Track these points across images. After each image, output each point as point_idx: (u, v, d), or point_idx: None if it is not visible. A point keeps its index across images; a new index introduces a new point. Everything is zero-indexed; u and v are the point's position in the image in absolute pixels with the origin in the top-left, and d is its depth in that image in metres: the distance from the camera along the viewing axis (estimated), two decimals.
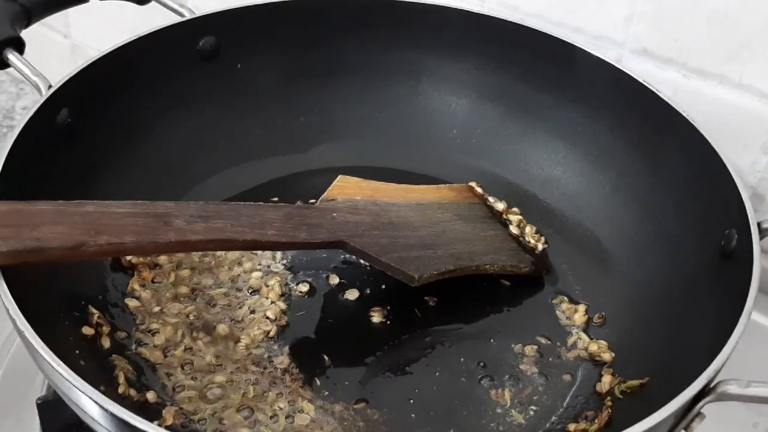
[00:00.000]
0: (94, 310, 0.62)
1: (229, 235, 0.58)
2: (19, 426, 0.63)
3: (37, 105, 0.60)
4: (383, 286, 0.69)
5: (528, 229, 0.75)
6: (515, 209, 0.77)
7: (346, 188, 0.68)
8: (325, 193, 0.67)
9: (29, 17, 0.67)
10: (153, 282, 0.67)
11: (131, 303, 0.66)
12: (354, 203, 0.67)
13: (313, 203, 0.68)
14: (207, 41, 0.75)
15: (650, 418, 0.45)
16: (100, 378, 0.56)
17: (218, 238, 0.57)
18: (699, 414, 0.48)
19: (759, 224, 0.57)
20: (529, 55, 0.77)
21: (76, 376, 0.45)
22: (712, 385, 0.47)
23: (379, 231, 0.65)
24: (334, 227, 0.63)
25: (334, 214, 0.64)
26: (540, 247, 0.74)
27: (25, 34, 0.67)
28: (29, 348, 0.47)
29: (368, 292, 0.68)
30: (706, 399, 0.47)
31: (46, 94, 0.62)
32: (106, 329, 0.62)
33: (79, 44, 1.14)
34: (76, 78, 0.64)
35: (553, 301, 0.69)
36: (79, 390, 0.44)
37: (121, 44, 0.69)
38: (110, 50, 0.68)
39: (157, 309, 0.66)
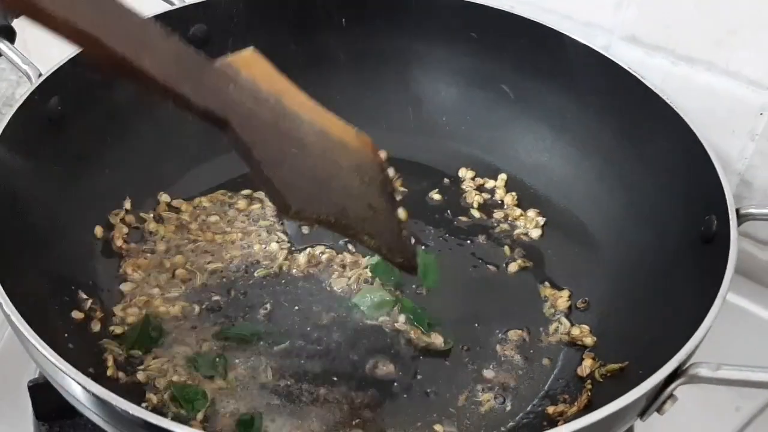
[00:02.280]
0: (86, 296, 0.63)
1: (94, 30, 0.45)
2: (14, 408, 0.64)
3: (26, 94, 0.61)
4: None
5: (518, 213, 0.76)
6: (513, 193, 0.78)
7: (254, 67, 0.55)
8: (230, 57, 0.54)
9: None
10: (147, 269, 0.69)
11: (126, 287, 0.67)
12: (258, 89, 0.53)
13: None
14: (198, 29, 0.75)
15: (620, 399, 0.46)
16: (89, 361, 0.58)
17: (79, 26, 0.44)
18: (671, 396, 0.49)
19: (738, 210, 0.58)
20: (518, 43, 0.77)
21: (60, 358, 0.46)
22: (684, 367, 0.48)
23: (273, 136, 0.54)
24: (226, 100, 0.51)
25: (232, 86, 0.52)
26: (535, 234, 0.75)
27: (24, 22, 0.68)
28: (15, 331, 0.48)
29: None
30: (678, 382, 0.48)
31: (36, 82, 0.63)
32: (98, 314, 0.63)
33: None
34: (66, 66, 0.65)
35: (538, 287, 0.70)
36: (63, 372, 0.45)
37: None
38: None
39: (155, 291, 0.67)
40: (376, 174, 0.62)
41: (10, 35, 0.66)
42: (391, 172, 0.63)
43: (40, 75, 0.64)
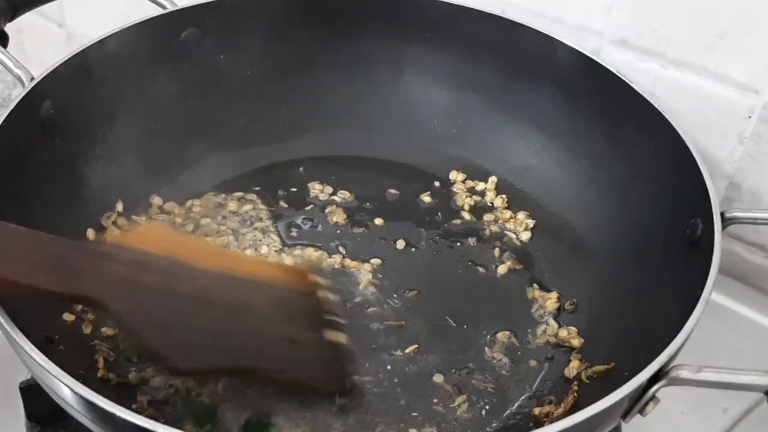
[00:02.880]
0: None
1: None
2: (6, 410, 0.64)
3: (18, 98, 0.62)
4: None
5: (508, 215, 0.77)
6: (503, 196, 0.78)
7: (149, 237, 0.55)
8: (119, 236, 0.56)
9: (14, 11, 0.68)
10: None
11: None
12: (145, 259, 0.53)
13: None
14: (190, 32, 0.76)
15: (602, 401, 0.46)
16: (79, 363, 0.58)
17: None
18: (653, 398, 0.49)
19: (723, 213, 0.58)
20: (508, 46, 0.78)
21: (48, 360, 0.46)
22: (666, 370, 0.49)
23: (161, 299, 0.53)
24: (101, 280, 0.50)
25: (108, 264, 0.51)
26: (524, 236, 0.75)
27: (20, 24, 0.69)
28: (4, 332, 0.49)
29: None
30: (660, 384, 0.48)
31: (28, 86, 0.63)
32: (90, 316, 0.64)
33: (74, 33, 1.15)
34: (58, 70, 0.66)
35: (527, 289, 0.70)
36: (51, 374, 0.46)
37: (103, 37, 0.70)
38: (92, 43, 0.69)
39: None
40: (302, 301, 0.60)
41: (2, 39, 0.66)
42: (327, 294, 0.62)
43: (32, 79, 0.64)
